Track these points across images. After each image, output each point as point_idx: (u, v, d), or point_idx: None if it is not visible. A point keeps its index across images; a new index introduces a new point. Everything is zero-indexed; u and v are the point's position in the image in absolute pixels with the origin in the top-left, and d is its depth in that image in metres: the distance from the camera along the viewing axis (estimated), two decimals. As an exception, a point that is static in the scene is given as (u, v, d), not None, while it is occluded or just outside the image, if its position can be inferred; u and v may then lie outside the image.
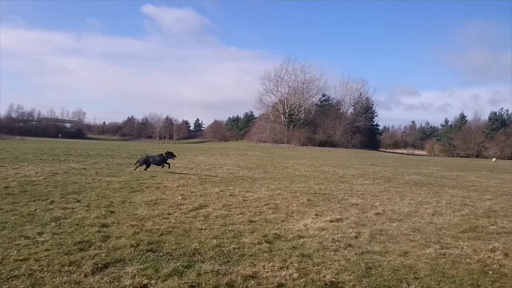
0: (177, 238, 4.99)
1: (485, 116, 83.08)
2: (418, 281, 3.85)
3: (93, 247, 4.43)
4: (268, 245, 4.87)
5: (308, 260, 4.35)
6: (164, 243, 4.73)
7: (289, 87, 77.41)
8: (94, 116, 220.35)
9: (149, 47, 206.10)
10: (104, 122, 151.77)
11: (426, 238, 5.72)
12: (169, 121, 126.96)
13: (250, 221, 6.35)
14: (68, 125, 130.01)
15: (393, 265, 4.33)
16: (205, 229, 5.60)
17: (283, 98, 77.32)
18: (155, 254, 4.31)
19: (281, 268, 4.02)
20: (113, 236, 4.92)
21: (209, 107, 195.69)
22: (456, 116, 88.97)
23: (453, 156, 73.73)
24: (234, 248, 4.65)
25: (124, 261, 4.02)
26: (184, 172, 14.28)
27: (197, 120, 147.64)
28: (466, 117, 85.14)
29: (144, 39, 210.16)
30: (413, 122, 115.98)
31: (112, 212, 6.50)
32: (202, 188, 10.01)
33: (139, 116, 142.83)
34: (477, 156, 71.20)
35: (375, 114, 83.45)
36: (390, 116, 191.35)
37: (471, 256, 4.83)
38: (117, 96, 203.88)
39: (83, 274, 3.61)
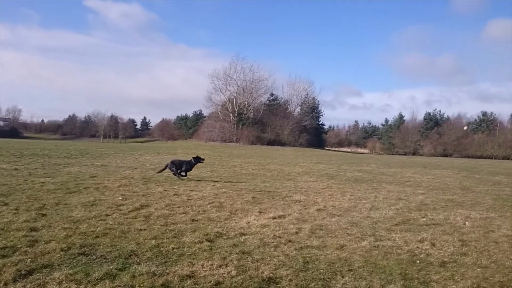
0: (113, 240, 4.77)
1: (420, 116, 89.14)
2: (352, 272, 4.01)
3: (17, 253, 4.10)
4: (209, 243, 4.82)
5: (248, 257, 4.36)
6: (98, 246, 4.50)
7: (238, 86, 77.73)
8: (32, 114, 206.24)
9: (93, 42, 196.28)
10: (42, 120, 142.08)
11: (362, 231, 5.98)
12: (114, 120, 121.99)
13: (193, 220, 6.25)
14: (1, 123, 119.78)
15: (329, 258, 4.47)
16: (144, 229, 5.42)
17: (232, 97, 77.40)
18: (88, 257, 4.08)
19: (220, 266, 3.99)
20: (42, 241, 4.59)
21: (157, 106, 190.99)
22: (395, 116, 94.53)
23: (393, 154, 78.16)
24: (173, 248, 4.54)
25: (52, 266, 3.76)
26: (127, 171, 13.76)
27: (144, 118, 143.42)
28: (404, 117, 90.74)
29: (87, 33, 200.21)
30: (356, 121, 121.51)
31: (43, 215, 6.08)
32: (145, 188, 9.70)
33: (81, 114, 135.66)
34: (414, 154, 76.11)
35: (321, 114, 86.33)
36: (335, 115, 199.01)
37: (402, 247, 5.11)
38: (58, 93, 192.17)
39: (3, 282, 3.32)
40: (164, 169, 12.36)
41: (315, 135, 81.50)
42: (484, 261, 4.64)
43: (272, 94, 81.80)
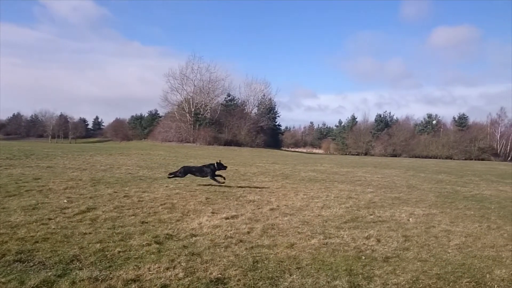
0: (54, 245, 4.51)
1: (372, 118, 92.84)
2: (300, 270, 4.07)
3: None
4: (158, 246, 4.70)
5: (197, 258, 4.30)
6: (37, 252, 4.24)
7: (195, 86, 76.75)
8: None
9: (40, 36, 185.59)
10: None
11: (313, 230, 6.10)
12: (63, 119, 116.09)
13: (143, 222, 6.07)
14: None
15: (279, 257, 4.51)
16: (89, 233, 5.18)
17: (189, 97, 76.28)
18: (24, 264, 3.83)
19: (168, 268, 3.90)
20: (-28, 248, 4.25)
21: (110, 105, 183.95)
22: (348, 117, 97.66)
23: (346, 154, 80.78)
24: (119, 252, 4.37)
25: (-18, 275, 3.49)
26: (75, 173, 13.11)
27: (97, 118, 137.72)
28: (356, 118, 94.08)
29: (34, 27, 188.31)
30: (311, 122, 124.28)
31: (-23, 220, 5.64)
32: (93, 190, 9.29)
33: (27, 113, 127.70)
34: (366, 154, 79.12)
35: (278, 115, 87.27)
36: (292, 117, 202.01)
37: (349, 244, 5.28)
38: (1, 90, 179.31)
39: None
40: (176, 175, 11.63)
41: (271, 135, 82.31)
42: (424, 255, 4.90)
43: (229, 95, 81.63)
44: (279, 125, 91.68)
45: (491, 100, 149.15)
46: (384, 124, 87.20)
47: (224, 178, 11.47)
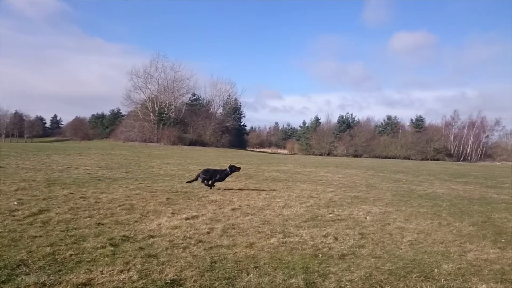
0: (0, 250, 4.27)
1: (335, 119, 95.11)
2: (257, 269, 4.09)
3: None
4: (113, 248, 4.56)
5: (153, 260, 4.21)
6: (-20, 257, 3.99)
7: (159, 84, 75.35)
8: None
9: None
10: None
11: (273, 229, 6.15)
12: (18, 117, 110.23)
13: (98, 224, 5.86)
14: None
15: (237, 257, 4.51)
16: (40, 236, 4.94)
17: (153, 96, 74.76)
18: (-36, 271, 3.59)
19: (122, 271, 3.79)
20: None
21: (70, 103, 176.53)
22: (312, 118, 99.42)
23: (310, 154, 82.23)
24: (70, 255, 4.20)
25: None
26: (28, 174, 12.49)
27: (55, 116, 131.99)
28: (320, 119, 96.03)
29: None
30: (276, 123, 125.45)
31: None
32: (47, 191, 8.88)
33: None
34: (329, 154, 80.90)
35: (243, 115, 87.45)
36: (257, 117, 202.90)
37: (307, 242, 5.36)
38: None
39: None
40: (195, 179, 11.20)
41: (237, 136, 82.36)
42: (378, 251, 5.07)
43: (194, 94, 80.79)
44: (245, 126, 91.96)
45: (446, 103, 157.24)
46: (346, 125, 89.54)
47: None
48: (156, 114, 72.39)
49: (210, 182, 10.80)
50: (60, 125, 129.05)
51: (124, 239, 5.02)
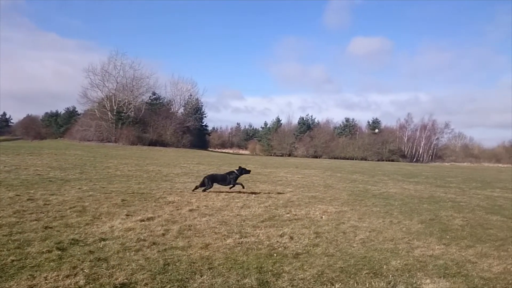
0: None
1: (295, 120, 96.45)
2: (211, 270, 4.06)
3: None
4: (60, 252, 4.35)
5: (103, 263, 4.06)
6: None
7: (118, 83, 72.79)
8: None
9: None
10: None
11: (230, 229, 6.14)
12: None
13: (46, 227, 5.58)
14: None
15: (192, 258, 4.46)
16: (-21, 242, 4.63)
17: (111, 94, 72.20)
18: None
19: (68, 276, 3.62)
20: None
21: (21, 100, 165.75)
22: (273, 119, 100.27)
23: (271, 155, 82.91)
24: (12, 261, 3.96)
25: None
26: (-30, 175, 11.68)
27: (4, 114, 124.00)
28: (281, 121, 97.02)
29: None
30: (238, 124, 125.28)
31: None
32: (-10, 193, 8.35)
33: None
34: (289, 155, 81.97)
35: (205, 115, 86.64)
36: (219, 117, 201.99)
37: (263, 242, 5.40)
38: None
39: None
40: (202, 185, 10.78)
41: (198, 136, 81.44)
42: (332, 250, 5.20)
43: (154, 93, 78.86)
44: (206, 126, 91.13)
45: (400, 107, 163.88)
46: (306, 126, 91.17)
47: (243, 186, 11.20)
48: (114, 113, 70.03)
49: (232, 185, 10.85)
50: (9, 124, 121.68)
51: (73, 243, 4.81)
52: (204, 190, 10.57)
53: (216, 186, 10.81)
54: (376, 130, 71.52)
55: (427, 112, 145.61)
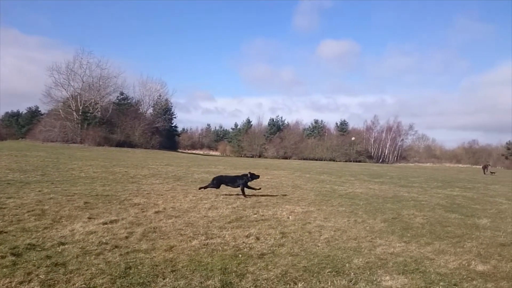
0: None
1: (265, 122, 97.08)
2: (175, 273, 4.00)
3: None
4: (14, 258, 4.16)
5: (60, 269, 3.92)
6: None
7: (83, 82, 70.52)
8: None
9: None
10: None
11: (196, 231, 6.08)
12: None
13: (0, 232, 5.32)
14: None
15: (155, 261, 4.38)
16: None
17: (76, 94, 69.84)
18: None
19: (21, 283, 3.47)
20: None
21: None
22: (243, 121, 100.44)
23: (241, 156, 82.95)
24: (-39, 268, 3.76)
25: None
26: None
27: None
28: (251, 122, 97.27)
29: None
30: (208, 125, 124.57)
31: None
32: None
33: None
34: (260, 156, 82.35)
35: (174, 116, 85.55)
36: (189, 118, 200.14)
37: (229, 243, 5.38)
38: None
39: None
40: (212, 186, 11.05)
41: (168, 137, 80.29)
42: (296, 249, 5.25)
43: (122, 93, 77.01)
44: (176, 127, 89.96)
45: (367, 109, 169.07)
46: (276, 128, 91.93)
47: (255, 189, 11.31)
48: (80, 113, 67.81)
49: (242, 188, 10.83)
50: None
51: (29, 248, 4.61)
52: (204, 188, 11.11)
53: (223, 187, 11.24)
54: (353, 138, 74.15)
55: (392, 114, 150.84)
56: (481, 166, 52.52)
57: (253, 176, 11.21)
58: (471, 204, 11.79)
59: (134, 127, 69.16)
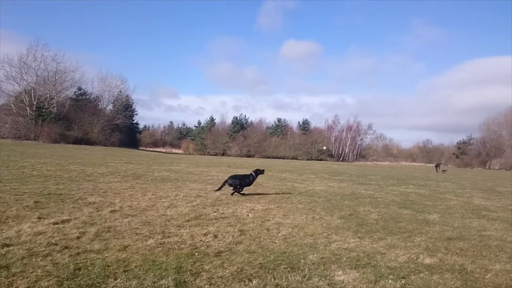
0: None
1: (229, 120, 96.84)
2: (127, 273, 3.90)
3: None
4: (-50, 262, 3.89)
5: (2, 271, 3.70)
6: None
7: (38, 76, 66.99)
8: None
9: None
10: None
11: (153, 230, 5.96)
12: None
13: None
14: None
15: (107, 261, 4.24)
16: None
17: (30, 88, 66.27)
18: None
19: (-42, 287, 3.25)
20: None
21: None
22: (207, 119, 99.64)
23: (205, 154, 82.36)
24: None
25: None
26: None
27: None
28: (215, 120, 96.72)
29: None
30: (171, 122, 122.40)
31: None
32: None
33: None
34: (223, 154, 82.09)
35: (135, 113, 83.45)
36: (152, 115, 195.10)
37: (186, 242, 5.32)
38: None
39: None
40: (222, 186, 10.95)
41: (128, 134, 78.20)
42: (254, 247, 5.28)
43: (80, 88, 73.97)
44: (137, 124, 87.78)
45: (329, 108, 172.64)
46: (240, 126, 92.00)
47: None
48: (34, 108, 64.44)
49: (239, 188, 10.79)
50: None
51: (-31, 250, 4.33)
52: (219, 189, 11.02)
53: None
54: (324, 147, 75.72)
55: (352, 114, 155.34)
56: (434, 165, 55.32)
57: (259, 172, 11.42)
58: (423, 200, 12.37)
59: (92, 123, 66.77)
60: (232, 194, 10.73)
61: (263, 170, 11.79)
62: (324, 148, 77.69)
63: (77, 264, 4.07)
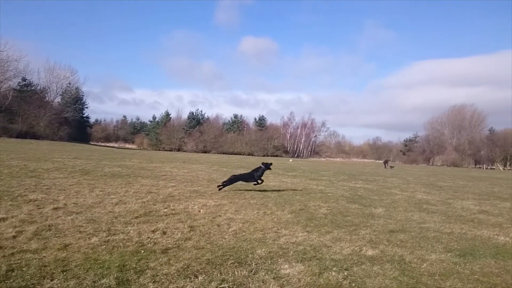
0: None
1: (185, 115, 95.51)
2: (65, 273, 3.72)
3: None
4: None
5: None
6: None
7: (-24, 64, 62.31)
8: None
9: None
10: None
11: (98, 227, 5.74)
12: None
13: None
14: None
15: (44, 261, 4.03)
16: None
17: (-33, 77, 61.45)
18: None
19: None
20: None
21: None
22: (162, 113, 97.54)
23: (159, 149, 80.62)
24: None
25: None
26: None
27: None
28: (170, 115, 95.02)
29: None
30: (124, 116, 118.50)
31: None
32: None
33: None
34: (179, 150, 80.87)
35: (86, 106, 79.94)
36: (104, 109, 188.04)
37: (132, 239, 5.17)
38: None
39: None
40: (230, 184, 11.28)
41: (78, 128, 74.74)
42: (203, 243, 5.24)
43: (24, 79, 69.61)
44: (88, 117, 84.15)
45: (285, 105, 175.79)
46: (196, 121, 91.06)
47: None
48: (-28, 99, 59.79)
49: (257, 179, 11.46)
50: None
51: None
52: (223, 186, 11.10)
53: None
54: (290, 160, 77.09)
55: (307, 111, 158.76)
56: (382, 161, 57.97)
57: (267, 166, 11.81)
58: (370, 195, 12.91)
59: (38, 116, 63.12)
60: (219, 189, 11.10)
61: (271, 164, 12.26)
62: (290, 160, 78.22)
63: (10, 265, 3.83)
